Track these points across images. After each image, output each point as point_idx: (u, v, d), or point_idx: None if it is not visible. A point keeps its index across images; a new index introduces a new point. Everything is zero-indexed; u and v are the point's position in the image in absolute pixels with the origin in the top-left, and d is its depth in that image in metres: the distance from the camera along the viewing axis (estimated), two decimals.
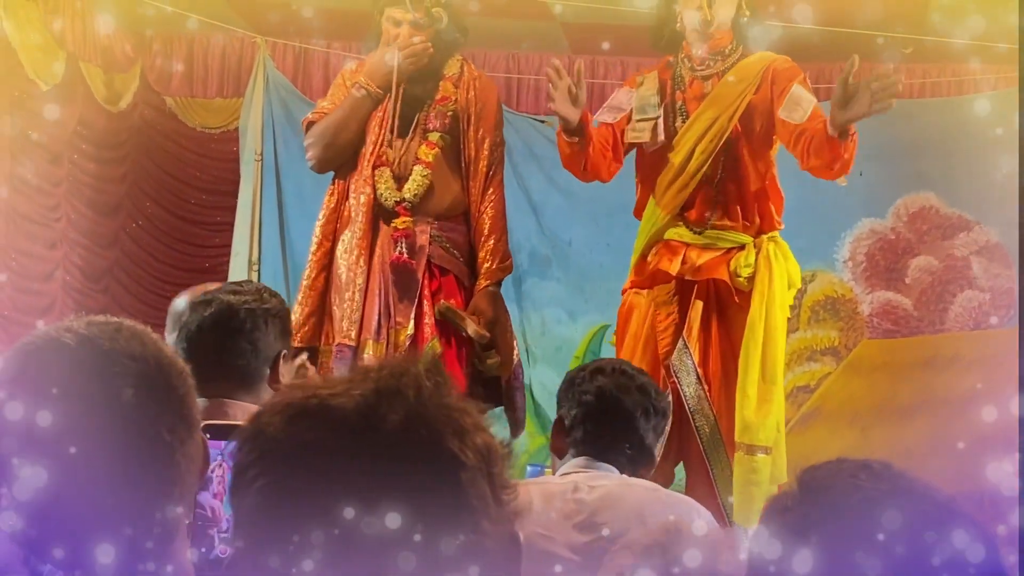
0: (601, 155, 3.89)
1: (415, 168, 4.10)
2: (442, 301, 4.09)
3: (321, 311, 4.09)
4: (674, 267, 3.80)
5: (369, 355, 3.93)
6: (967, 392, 5.88)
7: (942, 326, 6.09)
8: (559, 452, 2.73)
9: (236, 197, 6.51)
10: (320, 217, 4.19)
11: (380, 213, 4.10)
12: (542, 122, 6.41)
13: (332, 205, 4.16)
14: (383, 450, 1.08)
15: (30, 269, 6.06)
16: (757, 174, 3.79)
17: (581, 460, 2.65)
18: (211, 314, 2.45)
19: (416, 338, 4.07)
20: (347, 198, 4.12)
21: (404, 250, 4.06)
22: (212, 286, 3.66)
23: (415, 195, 4.08)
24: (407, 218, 4.08)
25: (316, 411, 1.11)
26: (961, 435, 5.62)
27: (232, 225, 6.49)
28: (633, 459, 2.67)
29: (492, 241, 4.19)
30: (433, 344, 4.09)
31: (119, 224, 6.58)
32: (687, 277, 3.80)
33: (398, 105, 4.09)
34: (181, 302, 3.35)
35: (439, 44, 4.14)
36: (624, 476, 2.63)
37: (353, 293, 4.00)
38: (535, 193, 6.43)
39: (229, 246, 6.48)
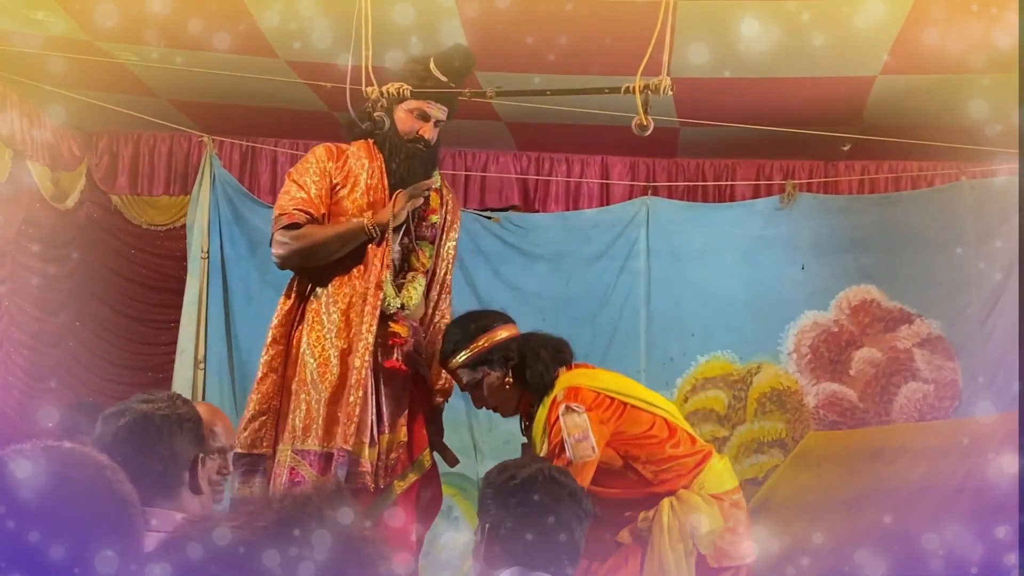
0: None
1: (412, 275, 4.06)
2: None
3: (267, 414, 3.95)
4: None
5: (365, 460, 3.82)
6: (915, 483, 5.93)
7: (887, 417, 6.15)
8: (491, 563, 2.69)
9: (182, 295, 6.47)
10: (276, 317, 4.03)
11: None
12: (489, 218, 6.47)
13: (288, 307, 4.02)
14: None
15: None
16: None
17: (516, 570, 2.63)
18: (126, 423, 2.48)
19: (410, 445, 4.01)
20: (306, 299, 4.00)
21: (400, 357, 4.02)
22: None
23: (416, 303, 4.05)
24: (405, 326, 4.04)
25: (215, 542, 1.10)
26: (911, 526, 5.67)
27: (178, 323, 6.45)
28: (568, 564, 2.67)
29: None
30: (424, 456, 4.06)
31: (64, 323, 6.52)
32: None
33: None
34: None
35: (435, 153, 4.14)
36: None
37: (358, 398, 3.82)
38: (482, 288, 6.46)
39: (175, 344, 6.43)
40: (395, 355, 4.01)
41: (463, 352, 3.92)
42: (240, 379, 6.29)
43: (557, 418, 3.68)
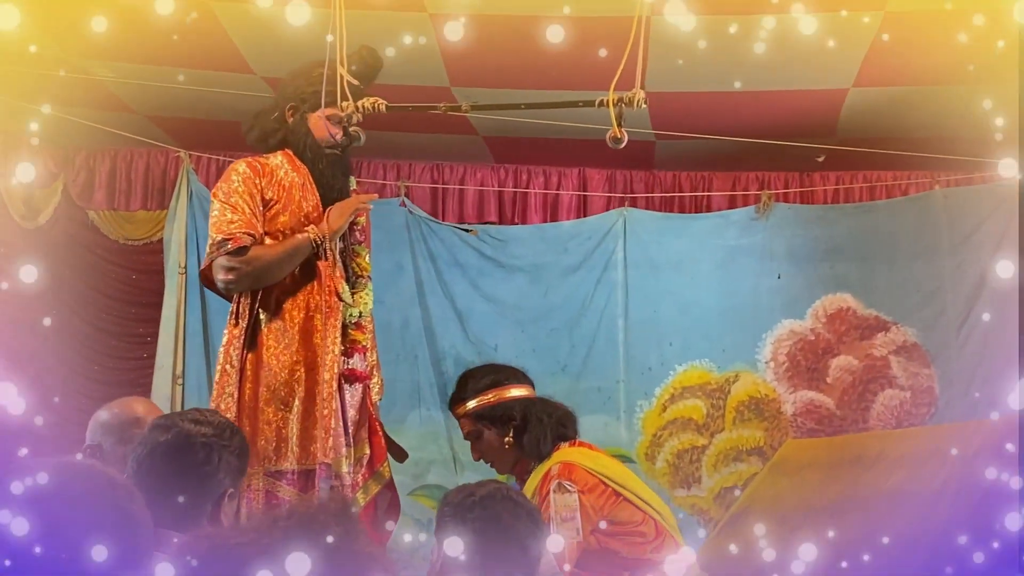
0: None
1: (361, 281, 4.03)
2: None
3: None
4: None
5: (344, 473, 3.79)
6: (894, 489, 5.96)
7: (865, 424, 6.18)
8: None
9: (160, 309, 6.46)
10: (224, 345, 3.90)
11: None
12: (467, 231, 6.49)
13: (236, 332, 3.89)
14: None
15: None
16: None
17: None
18: (166, 441, 2.42)
19: (371, 457, 3.98)
20: (255, 321, 3.88)
21: (359, 365, 3.98)
22: (138, 403, 3.62)
23: (371, 309, 4.04)
24: (364, 334, 4.01)
25: (222, 559, 1.11)
26: (890, 532, 5.69)
27: (156, 338, 6.43)
28: None
29: (376, 355, 4.19)
30: (384, 467, 4.03)
31: (41, 339, 6.49)
32: None
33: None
34: (103, 415, 3.31)
35: (349, 161, 4.11)
36: None
37: (332, 411, 3.77)
38: (460, 301, 6.47)
39: (153, 359, 6.42)
40: (356, 362, 3.97)
41: (470, 401, 3.94)
42: None
43: (548, 492, 3.66)
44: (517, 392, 3.97)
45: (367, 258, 4.11)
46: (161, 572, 1.17)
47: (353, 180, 4.18)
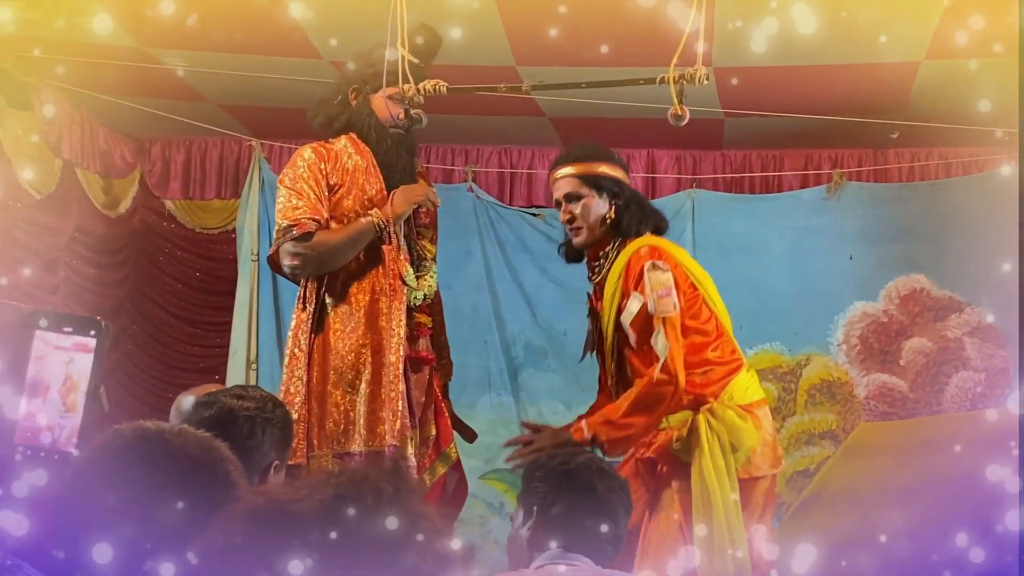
0: None
1: (427, 265, 4.03)
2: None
3: (296, 424, 3.82)
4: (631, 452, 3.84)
5: (410, 454, 3.81)
6: (967, 473, 5.86)
7: (939, 407, 6.09)
8: (535, 544, 2.69)
9: (234, 297, 6.55)
10: (293, 329, 3.97)
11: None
12: (534, 215, 6.49)
13: (304, 316, 3.94)
14: (340, 556, 1.09)
15: None
16: (645, 366, 3.74)
17: (557, 550, 2.64)
18: (209, 416, 2.47)
19: (437, 439, 4.01)
20: (322, 305, 3.93)
21: (427, 347, 4.02)
22: (214, 387, 3.69)
23: (435, 291, 4.05)
24: (429, 316, 4.04)
25: (275, 517, 1.12)
26: (963, 516, 5.60)
27: (230, 325, 6.53)
28: (611, 553, 2.68)
29: (444, 336, 4.22)
30: (451, 448, 4.06)
31: (120, 326, 6.62)
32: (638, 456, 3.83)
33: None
34: (186, 401, 3.37)
35: (415, 141, 4.12)
36: (599, 568, 2.64)
37: (399, 393, 3.80)
38: (528, 285, 6.48)
39: (227, 345, 6.51)
40: (421, 345, 4.00)
41: (585, 163, 3.89)
42: None
43: (642, 270, 3.65)
44: (621, 174, 3.94)
45: (433, 241, 4.13)
46: (220, 529, 1.19)
47: (419, 162, 4.21)
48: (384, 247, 3.93)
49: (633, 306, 3.66)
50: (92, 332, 2.44)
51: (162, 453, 1.52)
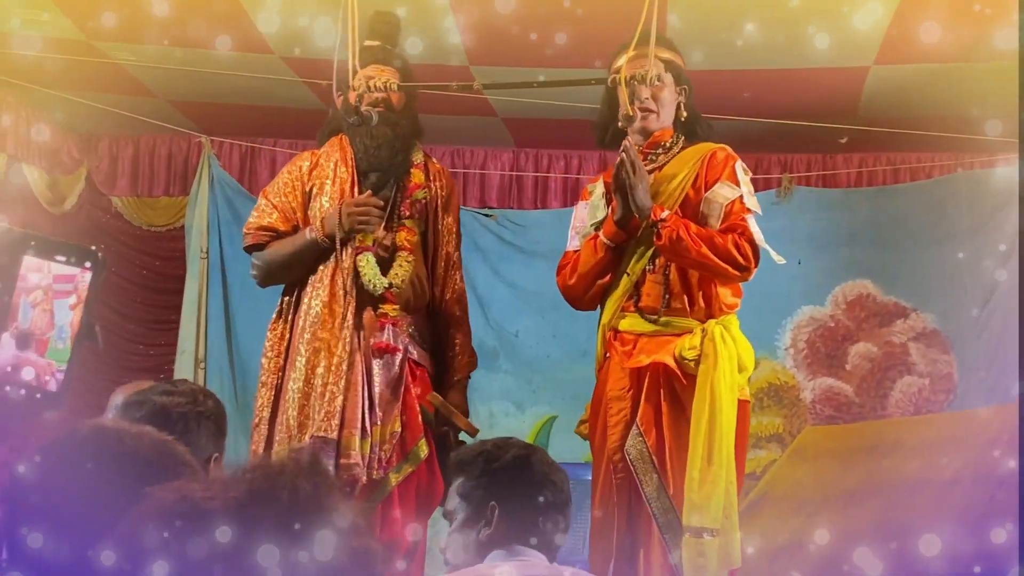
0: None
1: (399, 254, 4.02)
2: (434, 394, 4.01)
3: (263, 421, 3.94)
4: (628, 362, 3.81)
5: (355, 452, 3.79)
6: (911, 477, 5.93)
7: (883, 412, 6.15)
8: (494, 543, 2.62)
9: (182, 295, 6.49)
10: (267, 350, 4.02)
11: (364, 300, 3.97)
12: (487, 216, 6.48)
13: (279, 327, 4.02)
14: (253, 554, 1.07)
15: None
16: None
17: (510, 548, 2.59)
18: (141, 416, 2.44)
19: (404, 436, 3.95)
20: (295, 310, 3.99)
21: (391, 338, 3.99)
22: (144, 384, 3.65)
23: (403, 281, 3.99)
24: (395, 305, 4.00)
25: (186, 515, 1.10)
26: (907, 519, 5.66)
27: (178, 323, 6.46)
28: (557, 546, 2.66)
29: (463, 335, 4.19)
30: (420, 446, 4.00)
31: None
32: (638, 365, 3.81)
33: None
34: (117, 399, 3.32)
35: (410, 128, 4.13)
36: (554, 564, 2.61)
37: (339, 388, 3.82)
38: (480, 286, 6.46)
39: (175, 344, 6.45)
40: (386, 336, 3.98)
41: (674, 52, 3.94)
42: (241, 378, 6.31)
43: (734, 165, 3.80)
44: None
45: (417, 232, 4.12)
46: (130, 527, 1.17)
47: (420, 153, 4.22)
48: (335, 253, 3.96)
49: (728, 192, 3.78)
50: (88, 264, 2.32)
51: (115, 453, 1.50)
